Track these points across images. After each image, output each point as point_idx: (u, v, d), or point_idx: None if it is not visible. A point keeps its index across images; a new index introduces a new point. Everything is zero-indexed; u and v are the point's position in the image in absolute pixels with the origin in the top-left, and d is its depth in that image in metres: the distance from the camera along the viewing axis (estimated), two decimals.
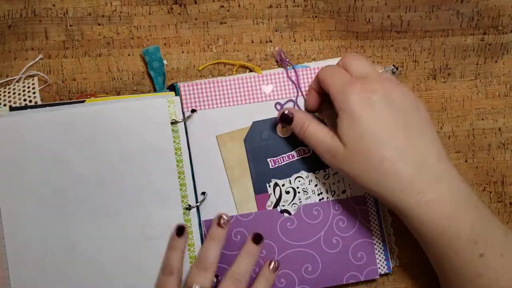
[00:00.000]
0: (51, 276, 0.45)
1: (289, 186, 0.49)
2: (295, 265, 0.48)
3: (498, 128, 0.53)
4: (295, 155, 0.49)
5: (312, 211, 0.49)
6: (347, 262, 0.49)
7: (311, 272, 0.48)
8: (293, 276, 0.48)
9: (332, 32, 0.52)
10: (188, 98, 0.49)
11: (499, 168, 0.52)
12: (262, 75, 0.49)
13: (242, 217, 0.48)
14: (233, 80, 0.49)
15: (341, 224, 0.49)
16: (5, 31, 0.49)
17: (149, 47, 0.49)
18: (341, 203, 0.49)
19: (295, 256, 0.48)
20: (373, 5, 0.52)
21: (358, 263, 0.49)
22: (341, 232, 0.49)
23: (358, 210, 0.49)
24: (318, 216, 0.49)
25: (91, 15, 0.50)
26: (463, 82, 0.53)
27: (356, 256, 0.49)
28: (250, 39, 0.52)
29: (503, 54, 0.53)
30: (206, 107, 0.49)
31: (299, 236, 0.48)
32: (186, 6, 0.51)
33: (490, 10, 0.52)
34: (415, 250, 0.51)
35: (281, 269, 0.48)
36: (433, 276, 0.51)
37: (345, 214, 0.49)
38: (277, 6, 0.52)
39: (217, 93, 0.49)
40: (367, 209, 0.50)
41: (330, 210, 0.49)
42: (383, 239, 0.50)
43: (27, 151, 0.46)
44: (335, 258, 0.49)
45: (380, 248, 0.50)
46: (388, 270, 0.50)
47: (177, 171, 0.47)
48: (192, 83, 0.49)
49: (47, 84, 0.50)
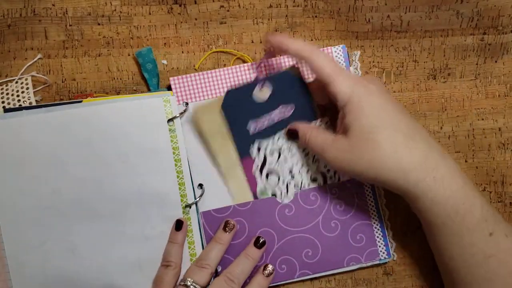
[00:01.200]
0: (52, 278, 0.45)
1: (272, 147, 0.49)
2: (295, 250, 0.49)
3: (498, 128, 0.52)
4: (275, 118, 0.48)
5: (309, 196, 0.49)
6: (347, 245, 0.49)
7: (312, 257, 0.49)
8: (294, 261, 0.48)
9: (332, 32, 0.52)
10: (180, 92, 0.49)
11: (499, 168, 0.52)
12: (252, 63, 0.50)
13: (240, 206, 0.49)
14: (225, 71, 0.50)
15: (339, 207, 0.49)
16: (4, 30, 0.49)
17: (142, 49, 0.49)
18: (338, 186, 0.50)
19: (295, 242, 0.49)
20: (373, 5, 0.52)
21: (358, 245, 0.49)
22: (339, 215, 0.49)
23: (355, 193, 0.50)
24: (315, 201, 0.49)
25: (91, 15, 0.50)
26: (463, 82, 0.53)
27: (356, 238, 0.49)
28: (250, 39, 0.52)
29: (503, 54, 0.53)
30: (198, 99, 0.49)
31: (297, 222, 0.49)
32: (186, 6, 0.51)
33: (490, 10, 0.52)
34: (415, 249, 0.51)
35: (282, 255, 0.48)
36: (433, 276, 0.51)
37: (342, 197, 0.49)
38: (277, 6, 0.52)
39: (210, 85, 0.49)
40: (364, 191, 0.50)
41: (327, 194, 0.49)
42: (382, 225, 0.50)
43: (23, 153, 0.45)
44: (335, 242, 0.49)
45: (379, 233, 0.50)
46: (388, 256, 0.49)
47: (176, 171, 0.47)
48: (183, 76, 0.49)
49: (46, 84, 0.50)
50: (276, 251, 0.48)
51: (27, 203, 0.45)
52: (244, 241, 0.48)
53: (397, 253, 0.51)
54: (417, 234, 0.51)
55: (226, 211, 0.48)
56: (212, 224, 0.48)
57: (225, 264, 0.47)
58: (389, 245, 0.50)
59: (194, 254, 0.47)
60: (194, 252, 0.47)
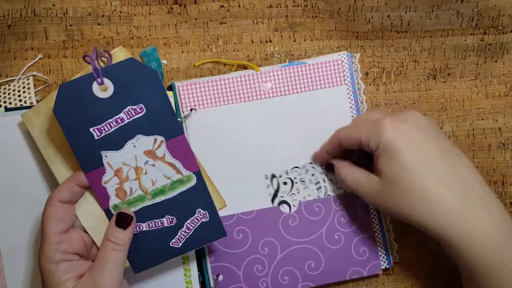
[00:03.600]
0: None
1: (286, 177, 0.49)
2: (298, 262, 0.48)
3: (498, 128, 0.52)
4: (124, 118, 0.41)
5: (314, 207, 0.49)
6: (350, 258, 0.49)
7: (314, 269, 0.48)
8: (296, 273, 0.48)
9: (332, 32, 0.52)
10: (186, 98, 0.48)
11: (499, 168, 0.52)
12: (260, 73, 0.49)
13: (243, 215, 0.48)
14: (231, 78, 0.49)
15: (343, 219, 0.49)
16: (5, 30, 0.49)
17: (147, 48, 0.49)
18: (342, 199, 0.49)
19: (298, 253, 0.48)
20: (373, 5, 0.52)
21: (360, 258, 0.49)
22: (342, 227, 0.49)
23: (359, 206, 0.49)
24: (319, 212, 0.49)
25: (91, 15, 0.50)
26: (463, 82, 0.53)
27: (359, 251, 0.49)
28: (250, 39, 0.52)
29: (503, 54, 0.53)
30: (204, 107, 0.49)
31: (301, 232, 0.48)
32: (186, 6, 0.51)
33: (490, 10, 0.52)
34: (415, 250, 0.51)
35: (284, 266, 0.48)
36: (433, 276, 0.51)
37: (346, 209, 0.49)
38: (277, 6, 0.52)
39: (215, 92, 0.49)
40: (368, 204, 0.49)
41: (331, 206, 0.49)
42: (383, 234, 0.50)
43: (21, 152, 0.45)
44: (337, 254, 0.49)
45: (380, 243, 0.50)
46: (388, 265, 0.50)
47: None
48: (189, 82, 0.49)
49: (46, 84, 0.50)
50: (278, 262, 0.48)
51: (24, 201, 0.45)
52: (247, 250, 0.48)
53: (397, 254, 0.51)
54: (417, 234, 0.51)
55: (229, 219, 0.48)
56: None
57: (227, 274, 0.47)
58: (391, 247, 0.50)
59: (187, 257, 0.47)
60: (187, 255, 0.47)
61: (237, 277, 0.48)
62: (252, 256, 0.48)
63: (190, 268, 0.47)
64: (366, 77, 0.52)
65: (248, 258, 0.48)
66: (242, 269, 0.48)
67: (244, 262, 0.48)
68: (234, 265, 0.48)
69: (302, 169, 0.49)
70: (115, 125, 0.40)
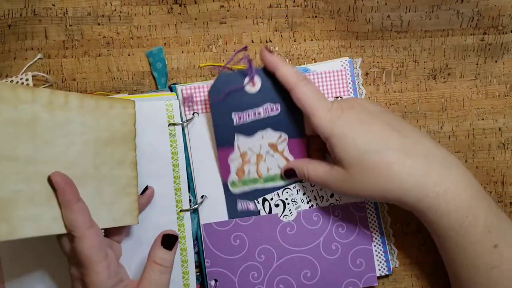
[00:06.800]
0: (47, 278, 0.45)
1: (278, 199, 0.49)
2: (294, 270, 0.48)
3: (498, 128, 0.52)
4: (261, 112, 0.47)
5: (312, 216, 0.49)
6: (346, 269, 0.48)
7: (310, 278, 0.48)
8: (291, 282, 0.48)
9: (332, 32, 0.52)
10: (188, 102, 0.48)
11: (499, 168, 0.52)
12: None
13: (242, 221, 0.48)
14: None
15: (341, 230, 0.49)
16: (5, 30, 0.49)
17: (153, 49, 0.50)
18: (340, 208, 0.49)
19: (294, 262, 0.48)
20: (373, 5, 0.52)
21: (357, 270, 0.48)
22: (340, 238, 0.49)
23: (357, 216, 0.49)
24: (317, 221, 0.49)
25: (91, 15, 0.50)
26: (463, 82, 0.53)
27: (355, 262, 0.49)
28: (250, 39, 0.52)
29: (503, 54, 0.53)
30: (207, 111, 0.48)
31: (298, 241, 0.48)
32: (186, 6, 0.51)
33: (490, 10, 0.52)
34: (415, 250, 0.51)
35: (280, 274, 0.48)
36: (433, 276, 0.51)
37: (344, 220, 0.49)
38: (277, 6, 0.52)
39: None
40: (367, 214, 0.49)
41: (329, 216, 0.49)
42: (383, 241, 0.49)
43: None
44: (334, 264, 0.48)
45: (380, 250, 0.49)
46: (388, 272, 0.50)
47: (173, 176, 0.47)
48: (192, 86, 0.49)
49: (48, 84, 0.50)
50: (274, 270, 0.48)
51: None
52: (243, 256, 0.48)
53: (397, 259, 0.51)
54: (417, 234, 0.51)
55: (227, 225, 0.48)
56: (213, 237, 0.48)
57: (222, 279, 0.47)
58: (391, 253, 0.50)
59: (186, 260, 0.47)
60: (186, 259, 0.47)
61: (232, 283, 0.47)
62: (248, 263, 0.48)
63: (188, 271, 0.47)
64: (366, 77, 0.52)
65: (244, 265, 0.48)
66: (238, 276, 0.48)
67: (240, 268, 0.48)
68: (230, 271, 0.47)
69: (293, 190, 0.49)
70: (252, 116, 0.47)
